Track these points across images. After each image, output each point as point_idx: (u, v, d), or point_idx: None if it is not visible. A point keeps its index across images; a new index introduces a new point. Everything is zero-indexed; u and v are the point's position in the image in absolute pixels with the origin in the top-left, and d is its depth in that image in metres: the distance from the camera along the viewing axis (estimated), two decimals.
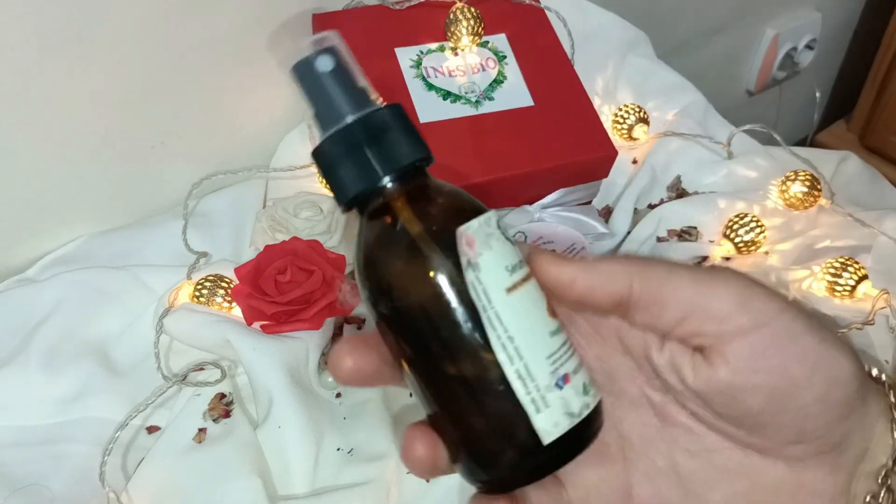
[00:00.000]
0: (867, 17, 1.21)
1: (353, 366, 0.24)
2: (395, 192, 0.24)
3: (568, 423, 0.22)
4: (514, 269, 0.23)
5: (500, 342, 0.22)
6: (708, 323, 0.23)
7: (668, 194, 0.64)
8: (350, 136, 0.23)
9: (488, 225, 0.23)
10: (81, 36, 0.49)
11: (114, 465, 0.44)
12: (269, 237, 0.54)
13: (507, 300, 0.22)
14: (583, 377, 0.23)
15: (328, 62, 0.24)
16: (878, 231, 0.59)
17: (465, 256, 0.22)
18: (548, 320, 0.23)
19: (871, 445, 0.24)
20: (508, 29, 0.61)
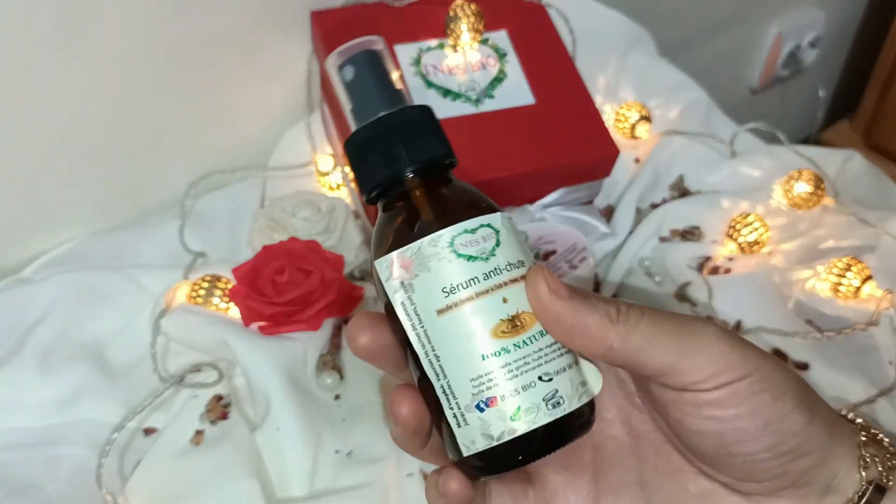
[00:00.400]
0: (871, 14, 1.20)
1: (368, 341, 0.25)
2: (412, 185, 0.25)
3: (484, 444, 0.23)
4: (458, 288, 0.23)
5: (427, 359, 0.24)
6: (678, 383, 0.24)
7: (671, 193, 0.63)
8: (380, 128, 0.25)
9: (434, 245, 0.24)
10: (76, 34, 0.49)
11: (110, 468, 0.44)
12: (267, 237, 0.53)
13: (438, 322, 0.24)
14: (525, 399, 0.23)
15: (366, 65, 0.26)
16: (883, 231, 0.58)
17: (397, 278, 0.24)
18: (488, 342, 0.23)
19: (835, 481, 0.25)
20: (509, 26, 0.60)
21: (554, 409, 0.23)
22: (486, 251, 0.24)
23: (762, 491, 0.25)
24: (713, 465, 0.25)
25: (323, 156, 0.61)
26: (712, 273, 0.56)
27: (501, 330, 0.23)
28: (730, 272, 0.56)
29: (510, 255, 0.24)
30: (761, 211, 0.60)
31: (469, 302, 0.23)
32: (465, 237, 0.24)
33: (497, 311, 0.23)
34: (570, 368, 0.24)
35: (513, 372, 0.23)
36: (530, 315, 0.24)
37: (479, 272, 0.24)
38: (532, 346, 0.24)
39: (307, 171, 0.61)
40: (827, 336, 0.51)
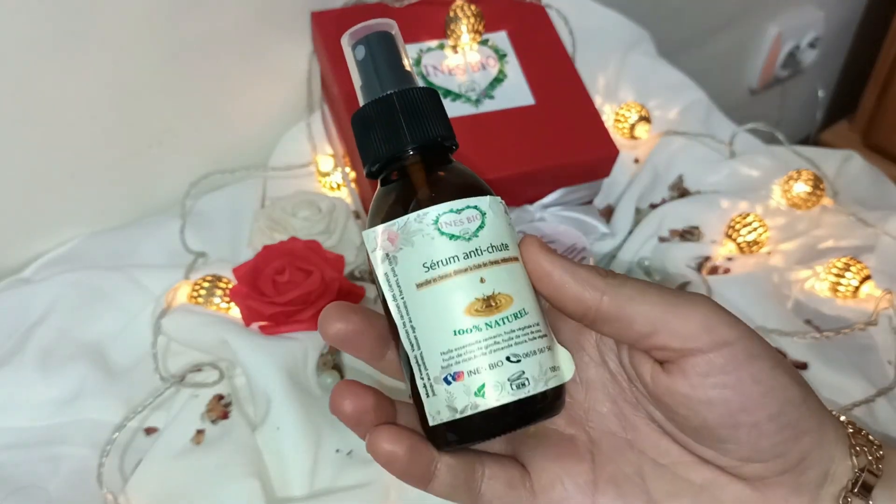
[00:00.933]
0: (870, 15, 1.21)
1: (342, 327, 0.26)
2: (411, 162, 0.26)
3: (448, 416, 0.25)
4: (437, 265, 0.24)
5: (404, 329, 0.25)
6: (672, 340, 0.24)
7: (670, 194, 0.63)
8: (385, 105, 0.26)
9: (419, 221, 0.25)
10: (77, 34, 0.49)
11: (111, 467, 0.44)
12: (268, 237, 0.53)
13: (417, 294, 0.25)
14: (490, 377, 0.24)
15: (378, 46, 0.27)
16: (882, 231, 0.58)
17: (382, 250, 0.25)
18: (461, 319, 0.24)
19: (831, 469, 0.25)
20: (509, 27, 0.61)
21: (518, 390, 0.24)
22: (469, 231, 0.25)
23: (765, 473, 0.25)
24: (719, 442, 0.25)
25: (323, 156, 0.61)
26: (711, 273, 0.56)
27: (475, 308, 0.24)
28: (729, 272, 0.56)
29: (494, 237, 0.25)
30: (760, 211, 0.60)
31: (447, 278, 0.24)
32: (450, 216, 0.25)
33: (473, 290, 0.24)
34: (541, 353, 0.25)
35: (482, 349, 0.24)
36: (506, 296, 0.25)
37: (459, 251, 0.24)
38: (504, 327, 0.24)
39: (307, 171, 0.61)
40: (826, 336, 0.51)
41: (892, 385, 0.48)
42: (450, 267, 0.24)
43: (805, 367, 0.49)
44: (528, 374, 0.25)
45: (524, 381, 0.24)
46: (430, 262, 0.24)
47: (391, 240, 0.25)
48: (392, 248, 0.25)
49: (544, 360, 0.25)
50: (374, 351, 0.27)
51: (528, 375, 0.24)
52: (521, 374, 0.24)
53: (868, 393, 0.48)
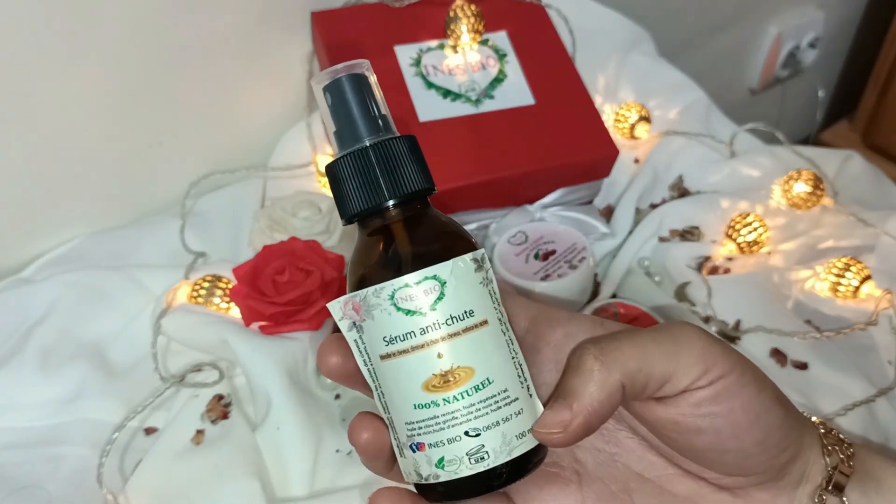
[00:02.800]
0: (870, 15, 1.21)
1: (338, 362, 0.26)
2: (395, 216, 0.26)
3: (416, 479, 0.25)
4: (395, 340, 0.24)
5: (377, 393, 0.26)
6: (674, 388, 0.25)
7: (670, 193, 0.63)
8: (364, 158, 0.26)
9: (377, 296, 0.24)
10: (77, 35, 0.49)
11: (111, 467, 0.44)
12: (268, 237, 0.53)
13: (382, 365, 0.25)
14: (448, 451, 0.24)
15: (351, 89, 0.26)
16: (882, 231, 0.58)
17: (348, 319, 0.25)
18: (419, 394, 0.24)
19: (807, 470, 0.27)
20: (509, 27, 0.61)
21: (476, 464, 0.24)
22: (426, 306, 0.24)
23: (747, 484, 0.26)
24: (706, 463, 0.26)
25: (323, 156, 0.61)
26: (711, 273, 0.56)
27: (433, 384, 0.24)
28: (729, 272, 0.56)
29: (454, 307, 0.24)
30: (760, 211, 0.60)
31: (405, 354, 0.24)
32: (405, 291, 0.24)
33: (430, 366, 0.24)
34: (506, 422, 0.25)
35: (439, 424, 0.24)
36: (466, 370, 0.24)
37: (416, 326, 0.24)
38: (462, 402, 0.24)
39: (307, 171, 0.61)
40: (826, 336, 0.51)
41: (892, 385, 0.48)
42: (407, 343, 0.24)
43: (805, 367, 0.49)
44: (489, 447, 0.24)
45: (483, 454, 0.24)
46: (388, 337, 0.25)
47: (356, 309, 0.25)
48: (357, 317, 0.25)
49: (510, 428, 0.25)
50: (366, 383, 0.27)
51: (487, 448, 0.24)
52: (481, 448, 0.24)
53: (868, 393, 0.48)
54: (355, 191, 0.25)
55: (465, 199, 0.54)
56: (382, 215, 0.26)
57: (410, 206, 0.26)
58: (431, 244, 0.26)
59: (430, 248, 0.26)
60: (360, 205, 0.25)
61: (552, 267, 0.52)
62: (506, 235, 0.55)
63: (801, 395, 0.47)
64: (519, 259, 0.53)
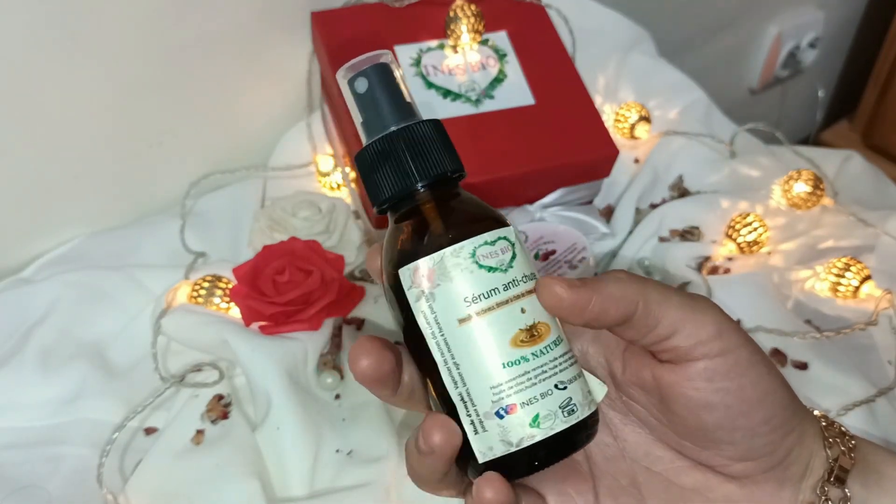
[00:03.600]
0: (870, 15, 1.20)
1: (371, 365, 0.25)
2: (426, 198, 0.26)
3: (503, 450, 0.24)
4: (479, 298, 0.24)
5: (447, 367, 0.25)
6: (687, 341, 0.25)
7: (670, 194, 0.63)
8: (392, 143, 0.26)
9: (456, 255, 0.24)
10: (77, 34, 0.49)
11: (111, 467, 0.44)
12: (268, 237, 0.53)
13: (459, 331, 0.24)
14: (543, 406, 0.24)
15: (377, 78, 0.26)
16: (882, 231, 0.58)
17: (418, 287, 0.25)
18: (508, 351, 0.24)
19: (810, 462, 0.27)
20: (509, 27, 0.61)
21: (569, 416, 0.25)
22: (505, 263, 0.25)
23: (753, 471, 0.27)
24: (714, 443, 0.26)
25: (323, 156, 0.61)
26: (711, 273, 0.56)
27: (521, 339, 0.24)
28: (729, 272, 0.56)
29: (525, 267, 0.25)
30: (760, 211, 0.60)
31: (490, 312, 0.24)
32: (485, 248, 0.25)
33: (516, 321, 0.24)
34: (579, 378, 0.26)
35: (532, 380, 0.24)
36: (545, 325, 0.25)
37: (499, 283, 0.24)
38: (549, 355, 0.25)
39: (307, 171, 0.61)
40: (826, 336, 0.51)
41: (892, 385, 0.48)
42: (492, 299, 0.24)
43: (805, 367, 0.49)
44: (576, 400, 0.25)
45: (573, 406, 0.25)
46: (471, 297, 0.24)
47: (428, 276, 0.24)
48: (429, 284, 0.24)
49: (583, 384, 0.26)
50: (394, 389, 0.26)
51: (575, 402, 0.25)
52: (570, 401, 0.25)
53: (868, 393, 0.48)
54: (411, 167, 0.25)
55: None
56: (424, 194, 0.26)
57: (448, 188, 0.26)
58: (487, 211, 0.26)
59: (488, 212, 0.26)
60: (402, 184, 0.25)
61: (552, 267, 0.52)
62: None
63: (801, 395, 0.47)
64: None
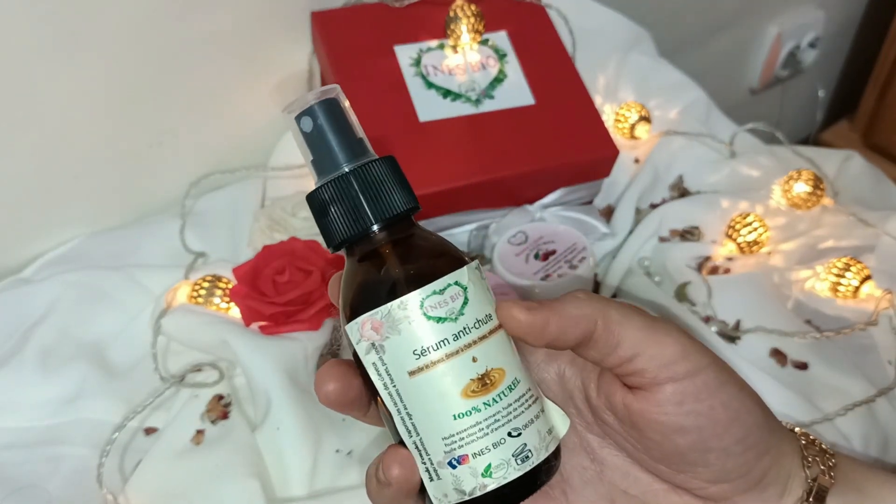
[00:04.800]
0: (870, 15, 1.20)
1: (337, 389, 0.25)
2: (381, 240, 0.25)
3: (457, 498, 0.24)
4: (428, 350, 0.24)
5: (400, 416, 0.24)
6: (651, 364, 0.25)
7: (670, 193, 0.63)
8: (343, 185, 0.25)
9: (403, 308, 0.24)
10: (77, 34, 0.49)
11: (111, 467, 0.44)
12: (268, 237, 0.53)
13: (410, 382, 0.24)
14: (495, 456, 0.24)
15: (325, 116, 0.26)
16: (882, 231, 0.58)
17: (367, 341, 0.24)
18: (458, 402, 0.24)
19: (788, 482, 0.27)
20: (509, 26, 0.61)
21: (523, 464, 0.24)
22: (455, 311, 0.24)
23: (730, 493, 0.26)
24: (689, 465, 0.26)
25: None
26: (712, 273, 0.56)
27: (472, 389, 0.24)
28: (729, 272, 0.56)
29: (478, 311, 0.25)
30: (761, 211, 0.60)
31: (440, 363, 0.24)
32: (434, 299, 0.24)
33: (467, 371, 0.24)
34: (537, 419, 0.25)
35: (483, 430, 0.24)
36: (499, 371, 0.24)
37: (448, 333, 0.24)
38: (501, 403, 0.24)
39: (307, 172, 0.61)
40: (826, 336, 0.51)
41: (893, 385, 0.48)
42: (441, 351, 0.24)
43: (805, 367, 0.49)
44: (531, 446, 0.25)
45: (527, 453, 0.24)
46: (419, 349, 0.24)
47: (375, 329, 0.24)
48: (378, 337, 0.24)
49: (541, 424, 0.25)
50: (363, 410, 0.26)
51: (530, 447, 0.25)
52: (524, 447, 0.24)
53: (868, 393, 0.47)
54: (347, 215, 0.25)
55: (465, 199, 0.54)
56: (378, 237, 0.25)
57: (403, 225, 0.26)
58: (440, 249, 0.26)
59: (441, 252, 0.26)
60: (355, 228, 0.25)
61: (552, 267, 0.52)
62: (506, 235, 0.55)
63: (801, 395, 0.47)
64: (519, 259, 0.53)
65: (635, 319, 0.25)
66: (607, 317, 0.25)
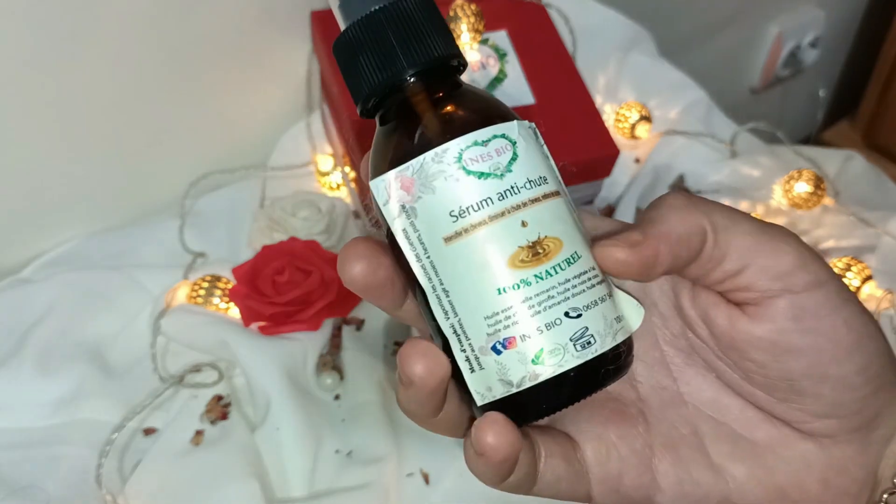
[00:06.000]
0: (871, 14, 1.20)
1: (364, 270, 0.21)
2: (417, 90, 0.22)
3: (503, 391, 0.21)
4: (468, 211, 0.20)
5: (435, 294, 0.21)
6: (761, 278, 0.21)
7: None
8: (374, 24, 0.21)
9: (438, 161, 0.20)
10: (76, 34, 0.49)
11: (110, 468, 0.43)
12: (267, 237, 0.53)
13: (446, 250, 0.20)
14: (548, 339, 0.20)
15: None
16: (883, 231, 0.58)
17: (397, 201, 0.21)
18: (505, 273, 0.20)
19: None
20: (509, 26, 0.60)
21: (583, 350, 0.20)
22: (501, 167, 0.20)
23: (836, 431, 0.23)
24: (797, 395, 0.22)
25: (323, 156, 0.61)
26: None
27: (520, 259, 0.20)
28: None
29: (530, 170, 0.21)
30: (761, 211, 0.60)
31: (482, 227, 0.20)
32: (475, 150, 0.20)
33: (515, 237, 0.20)
34: (602, 302, 0.21)
35: (534, 307, 0.20)
36: (554, 240, 0.20)
37: (492, 191, 0.20)
38: (557, 277, 0.20)
39: (307, 171, 0.61)
40: None
41: None
42: (483, 212, 0.20)
43: None
44: (593, 330, 0.21)
45: (589, 338, 0.20)
46: (457, 210, 0.20)
47: (406, 188, 0.20)
48: (409, 197, 0.20)
49: (607, 309, 0.21)
50: (396, 300, 0.22)
51: (592, 332, 0.21)
52: (585, 332, 0.20)
53: None
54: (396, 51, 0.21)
55: None
56: (414, 85, 0.21)
57: (445, 80, 0.22)
58: (487, 103, 0.22)
59: (488, 105, 0.22)
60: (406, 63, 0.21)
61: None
62: None
63: None
64: None
65: (743, 224, 0.21)
66: (715, 224, 0.21)
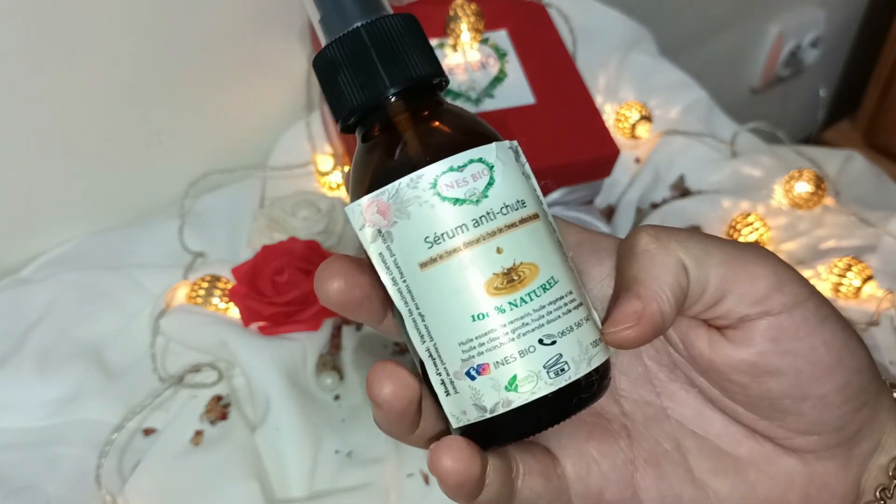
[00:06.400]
0: (872, 14, 1.20)
1: (341, 287, 0.21)
2: (398, 110, 0.22)
3: (477, 416, 0.21)
4: (442, 238, 0.20)
5: (411, 318, 0.21)
6: (742, 304, 0.21)
7: (672, 193, 0.63)
8: (355, 42, 0.21)
9: (413, 186, 0.20)
10: (76, 34, 0.49)
11: (110, 468, 0.43)
12: (267, 237, 0.53)
13: (422, 276, 0.20)
14: (522, 366, 0.20)
15: None
16: (884, 231, 0.58)
17: (372, 226, 0.21)
18: (479, 300, 0.20)
19: (882, 439, 0.23)
20: (509, 26, 0.60)
21: (556, 378, 0.21)
22: (477, 192, 0.20)
23: (818, 447, 0.23)
24: (778, 413, 0.22)
25: (323, 156, 0.61)
26: None
27: (495, 286, 0.20)
28: None
29: (507, 194, 0.21)
30: (762, 211, 0.60)
31: (457, 253, 0.20)
32: (450, 176, 0.20)
33: (490, 264, 0.20)
34: (578, 327, 0.21)
35: (509, 334, 0.20)
36: (530, 266, 0.21)
37: (467, 218, 0.20)
38: (532, 304, 0.20)
39: (307, 171, 0.61)
40: None
41: None
42: (458, 239, 0.20)
43: None
44: (567, 357, 0.21)
45: (563, 365, 0.21)
46: (433, 236, 0.20)
47: (382, 212, 0.20)
48: (384, 222, 0.21)
49: (584, 334, 0.21)
50: (376, 314, 0.22)
51: (566, 358, 0.21)
52: (559, 358, 0.21)
53: None
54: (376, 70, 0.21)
55: None
56: (395, 105, 0.21)
57: (426, 98, 0.22)
58: (466, 124, 0.22)
59: (466, 126, 0.22)
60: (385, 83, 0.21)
61: None
62: None
63: None
64: None
65: (717, 254, 0.21)
66: (690, 256, 0.21)
